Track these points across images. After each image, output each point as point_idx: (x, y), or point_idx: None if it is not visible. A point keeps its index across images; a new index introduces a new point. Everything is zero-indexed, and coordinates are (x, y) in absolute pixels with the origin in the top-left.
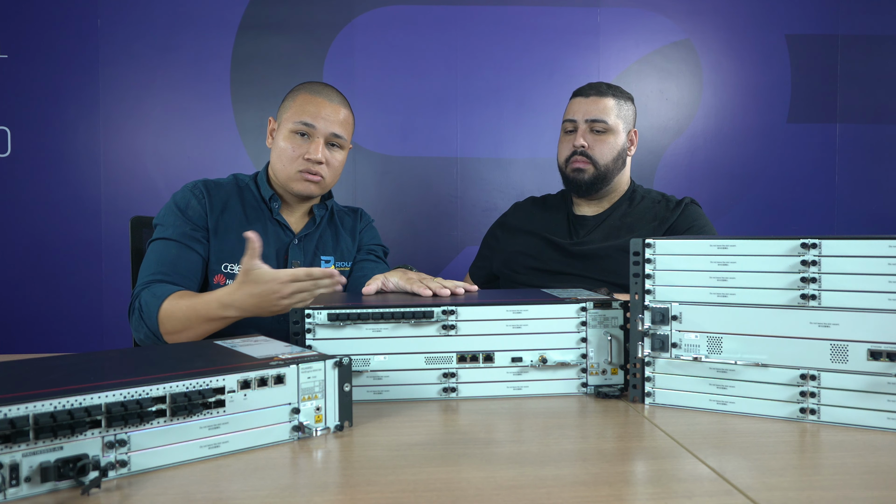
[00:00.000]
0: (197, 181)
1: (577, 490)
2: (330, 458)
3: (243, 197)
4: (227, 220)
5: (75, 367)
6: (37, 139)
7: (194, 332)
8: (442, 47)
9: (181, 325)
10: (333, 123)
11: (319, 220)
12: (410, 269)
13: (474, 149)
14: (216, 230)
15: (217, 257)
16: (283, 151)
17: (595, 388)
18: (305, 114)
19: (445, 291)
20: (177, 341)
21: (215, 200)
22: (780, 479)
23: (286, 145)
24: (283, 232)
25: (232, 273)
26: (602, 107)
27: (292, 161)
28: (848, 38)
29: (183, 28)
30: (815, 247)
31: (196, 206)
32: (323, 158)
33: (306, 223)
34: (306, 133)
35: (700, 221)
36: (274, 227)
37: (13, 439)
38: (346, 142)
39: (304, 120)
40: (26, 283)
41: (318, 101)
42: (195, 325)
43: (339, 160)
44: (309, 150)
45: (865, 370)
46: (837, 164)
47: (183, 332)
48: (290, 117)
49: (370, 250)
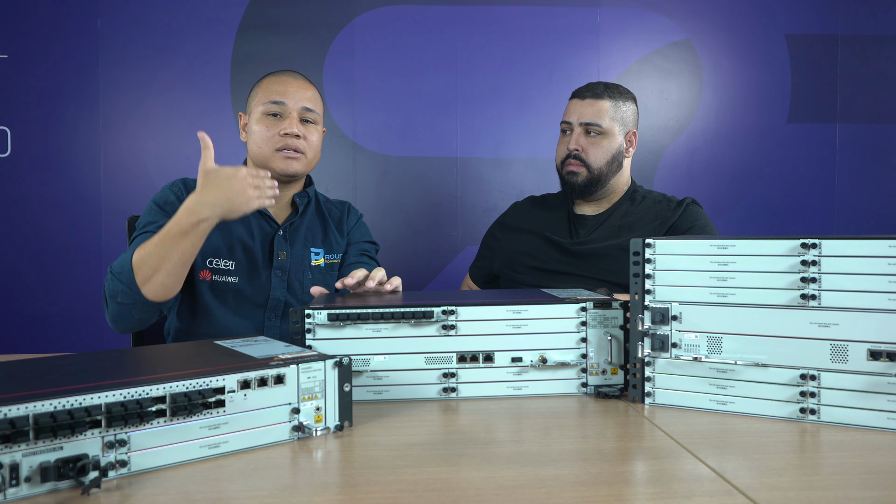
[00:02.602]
0: (175, 180)
1: (577, 490)
2: (330, 458)
3: None
4: None
5: (75, 367)
6: (37, 139)
7: (170, 261)
8: (442, 47)
9: (157, 259)
10: (302, 99)
11: (303, 207)
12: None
13: (474, 149)
14: None
15: (201, 253)
16: (258, 133)
17: (595, 388)
18: (273, 93)
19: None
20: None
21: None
22: (780, 479)
23: (259, 127)
24: (268, 223)
25: (217, 268)
26: (597, 109)
27: (268, 141)
28: (848, 38)
29: (183, 28)
30: (815, 247)
31: (175, 203)
32: (300, 132)
33: (290, 213)
34: (278, 113)
35: (701, 221)
36: (257, 220)
37: (13, 439)
38: (319, 118)
39: (273, 99)
40: (26, 283)
41: (283, 80)
42: (170, 251)
43: (317, 137)
44: (283, 126)
45: (865, 370)
46: (837, 164)
47: (161, 269)
48: (258, 102)
49: (363, 250)
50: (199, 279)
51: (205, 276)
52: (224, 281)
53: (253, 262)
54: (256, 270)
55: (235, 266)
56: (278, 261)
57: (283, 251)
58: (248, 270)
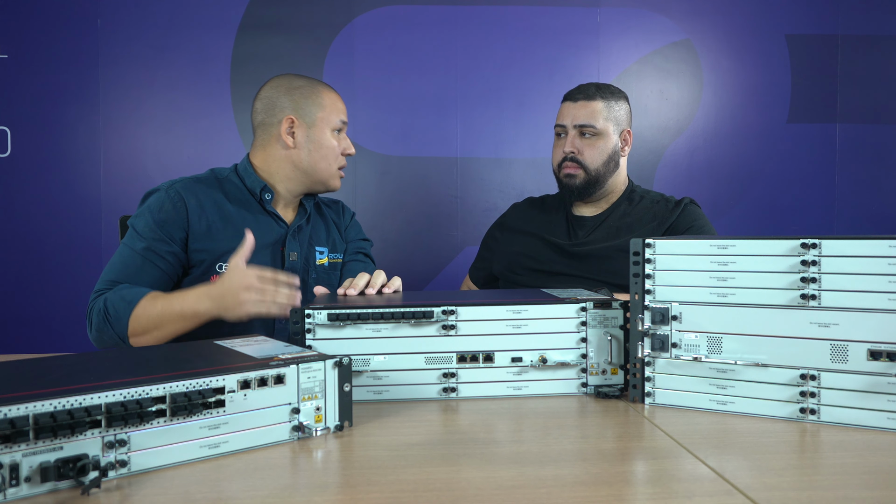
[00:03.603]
0: (174, 183)
1: (577, 490)
2: (330, 458)
3: (226, 190)
4: (218, 219)
5: (75, 367)
6: (37, 139)
7: (164, 332)
8: (442, 47)
9: (153, 327)
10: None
11: (311, 208)
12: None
13: (474, 149)
14: (208, 231)
15: (212, 257)
16: (331, 150)
17: (595, 388)
18: (341, 112)
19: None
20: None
21: (201, 200)
22: (780, 479)
23: (333, 143)
24: (278, 223)
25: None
26: (590, 111)
27: (337, 158)
28: (848, 38)
29: (183, 28)
30: (815, 247)
31: (172, 216)
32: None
33: (297, 214)
34: (341, 129)
35: (700, 221)
36: (267, 220)
37: (13, 439)
38: None
39: (343, 118)
40: (26, 283)
41: (338, 96)
42: (167, 326)
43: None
44: (346, 145)
45: (865, 370)
46: (837, 164)
47: (154, 333)
48: (327, 116)
49: (358, 249)
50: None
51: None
52: None
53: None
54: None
55: None
56: (290, 261)
57: (295, 252)
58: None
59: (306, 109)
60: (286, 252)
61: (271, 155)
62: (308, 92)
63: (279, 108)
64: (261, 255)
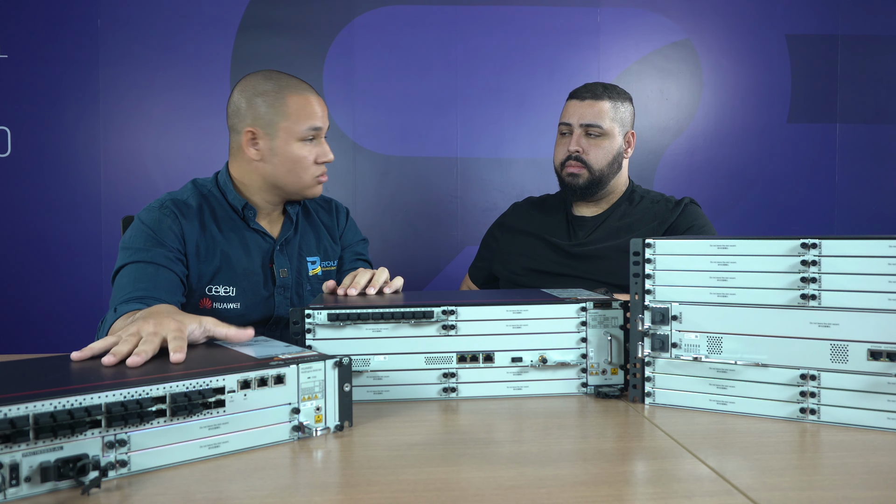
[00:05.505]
0: (164, 201)
1: (577, 490)
2: (330, 458)
3: (211, 207)
4: (207, 241)
5: (75, 368)
6: (37, 139)
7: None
8: (442, 47)
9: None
10: (326, 117)
11: (296, 217)
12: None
13: (474, 149)
14: (197, 253)
15: (200, 281)
16: (301, 161)
17: (595, 388)
18: (310, 117)
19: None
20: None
21: (191, 221)
22: (780, 479)
23: (302, 154)
24: (263, 239)
25: (216, 295)
26: (597, 110)
27: (308, 168)
28: (848, 38)
29: (183, 28)
30: (815, 247)
31: (170, 229)
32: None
33: (283, 225)
34: (313, 136)
35: (700, 221)
36: (253, 236)
37: (13, 439)
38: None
39: (313, 125)
40: (26, 283)
41: (308, 99)
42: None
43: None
44: (321, 152)
45: (865, 370)
46: (837, 164)
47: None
48: (291, 125)
49: (357, 255)
50: (200, 308)
51: (205, 305)
52: (226, 308)
53: (254, 284)
54: (258, 292)
55: (236, 292)
56: (281, 279)
57: (284, 268)
58: (250, 294)
59: (267, 119)
60: (275, 269)
61: (242, 166)
62: (272, 99)
63: (241, 117)
64: (250, 277)
